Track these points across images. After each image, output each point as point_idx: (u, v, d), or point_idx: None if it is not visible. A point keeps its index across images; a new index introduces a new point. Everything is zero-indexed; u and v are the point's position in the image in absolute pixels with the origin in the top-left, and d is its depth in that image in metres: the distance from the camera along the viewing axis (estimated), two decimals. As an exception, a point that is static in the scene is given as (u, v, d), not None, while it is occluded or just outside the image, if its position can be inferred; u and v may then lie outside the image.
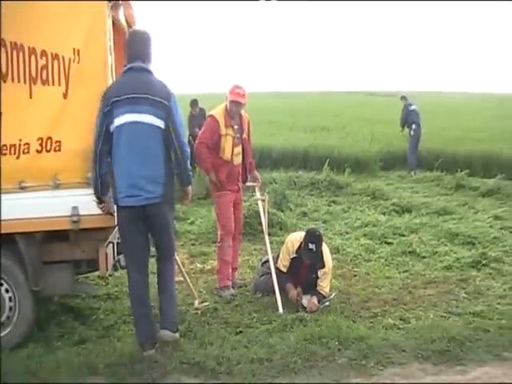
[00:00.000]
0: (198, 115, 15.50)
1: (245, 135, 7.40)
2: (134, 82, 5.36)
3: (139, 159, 5.28)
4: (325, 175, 14.73)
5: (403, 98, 19.21)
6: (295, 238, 7.13)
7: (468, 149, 19.19)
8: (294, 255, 7.00)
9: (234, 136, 7.21)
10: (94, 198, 5.40)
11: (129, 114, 5.25)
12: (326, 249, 7.07)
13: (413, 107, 18.44)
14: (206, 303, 6.81)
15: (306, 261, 6.87)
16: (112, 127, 5.27)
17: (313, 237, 6.87)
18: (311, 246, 6.79)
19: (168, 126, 5.38)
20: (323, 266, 6.90)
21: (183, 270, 6.89)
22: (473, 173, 16.44)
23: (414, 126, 18.02)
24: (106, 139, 5.27)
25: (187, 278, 6.91)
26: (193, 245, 9.67)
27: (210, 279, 7.83)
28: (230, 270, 7.43)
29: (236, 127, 7.26)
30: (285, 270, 7.06)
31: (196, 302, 6.74)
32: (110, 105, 5.23)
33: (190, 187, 5.79)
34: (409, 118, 18.30)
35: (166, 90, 5.43)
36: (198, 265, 8.51)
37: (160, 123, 5.34)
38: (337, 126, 28.23)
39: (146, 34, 5.58)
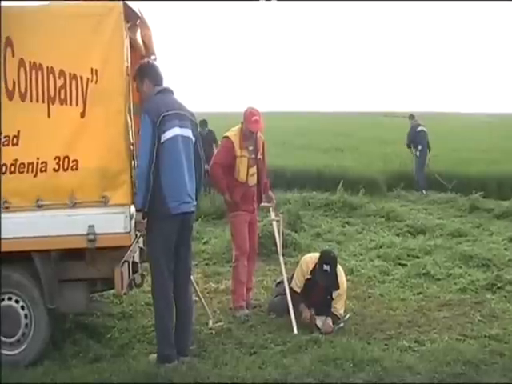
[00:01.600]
0: (205, 136, 15.07)
1: (259, 156, 7.43)
2: (172, 100, 5.72)
3: (187, 169, 5.68)
4: (339, 196, 14.66)
5: (411, 116, 19.15)
6: (310, 259, 7.14)
7: (481, 170, 19.10)
8: (309, 276, 7.00)
9: (248, 157, 7.25)
10: (140, 214, 5.49)
11: (178, 128, 5.58)
12: (340, 270, 7.06)
13: (420, 128, 18.38)
14: (221, 323, 6.81)
15: (321, 282, 6.85)
16: (163, 138, 5.46)
17: (327, 258, 6.88)
18: (326, 267, 6.79)
19: (196, 141, 5.89)
20: (337, 288, 6.89)
21: (197, 289, 6.92)
22: (487, 194, 16.30)
23: (419, 147, 18.00)
24: (156, 150, 5.42)
25: (201, 297, 6.94)
26: (207, 264, 9.66)
27: (224, 299, 7.82)
28: (245, 291, 7.41)
29: (251, 148, 7.29)
30: (299, 291, 7.05)
31: (210, 322, 6.74)
32: (160, 118, 5.43)
33: None
34: (416, 139, 18.29)
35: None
36: (213, 284, 8.50)
37: (192, 138, 5.82)
38: (350, 146, 28.27)
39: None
